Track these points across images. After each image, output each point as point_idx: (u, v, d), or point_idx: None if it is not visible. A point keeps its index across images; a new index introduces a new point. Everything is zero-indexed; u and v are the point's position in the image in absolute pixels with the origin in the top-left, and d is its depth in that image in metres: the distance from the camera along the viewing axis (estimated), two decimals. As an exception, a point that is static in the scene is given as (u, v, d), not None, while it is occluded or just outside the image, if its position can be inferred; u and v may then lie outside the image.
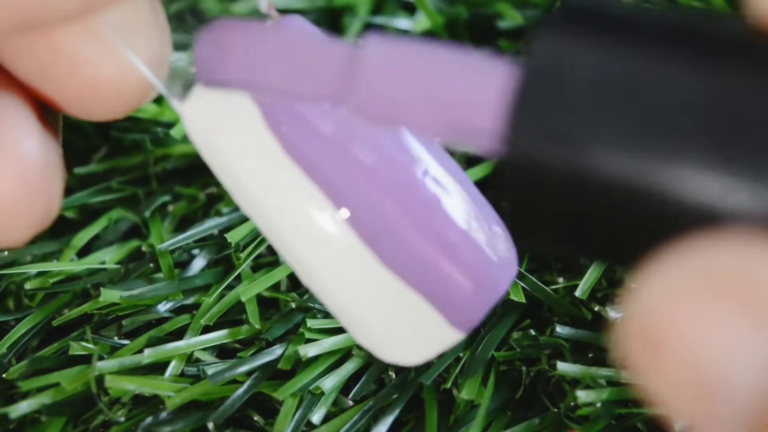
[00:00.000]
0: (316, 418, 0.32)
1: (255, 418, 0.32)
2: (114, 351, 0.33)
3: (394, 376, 0.32)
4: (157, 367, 0.32)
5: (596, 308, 0.33)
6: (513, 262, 0.23)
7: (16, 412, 0.31)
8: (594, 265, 0.33)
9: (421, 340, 0.23)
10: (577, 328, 0.33)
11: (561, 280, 0.34)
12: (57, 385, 0.32)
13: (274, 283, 0.34)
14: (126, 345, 0.33)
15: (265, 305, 0.34)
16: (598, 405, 0.31)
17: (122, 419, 0.32)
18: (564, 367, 0.31)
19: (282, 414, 0.31)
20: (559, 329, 0.32)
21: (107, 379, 0.31)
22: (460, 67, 0.18)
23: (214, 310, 0.33)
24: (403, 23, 0.41)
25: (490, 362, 0.32)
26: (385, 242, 0.22)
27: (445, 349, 0.24)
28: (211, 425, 0.31)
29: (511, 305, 0.33)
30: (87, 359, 0.32)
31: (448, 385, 0.32)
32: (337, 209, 0.22)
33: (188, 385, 0.32)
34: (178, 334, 0.33)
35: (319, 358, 0.32)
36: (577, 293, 0.33)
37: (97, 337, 0.33)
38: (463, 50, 0.18)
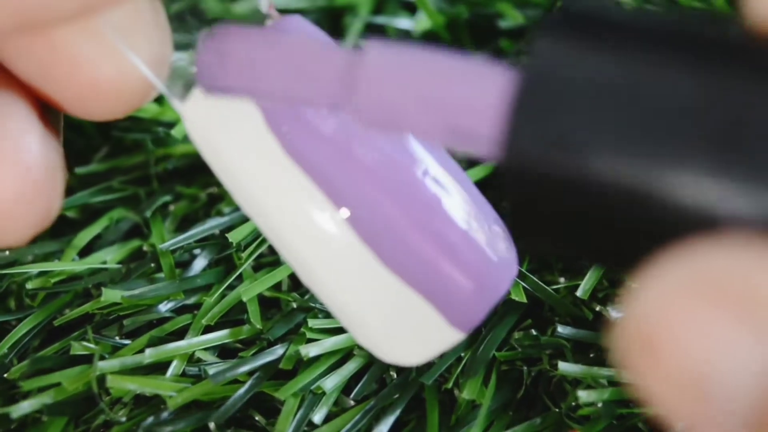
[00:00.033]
0: (318, 417, 0.32)
1: (256, 418, 0.32)
2: (115, 351, 0.33)
3: (395, 376, 0.32)
4: (159, 367, 0.32)
5: (597, 308, 0.33)
6: (513, 262, 0.23)
7: (18, 412, 0.31)
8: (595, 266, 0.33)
9: (422, 341, 0.23)
10: (579, 328, 0.32)
11: (562, 279, 0.34)
12: (58, 385, 0.32)
13: (276, 282, 0.34)
14: (127, 345, 0.33)
15: (267, 305, 0.34)
16: (600, 405, 0.31)
17: (123, 419, 0.32)
18: (565, 367, 0.31)
19: (283, 414, 0.31)
20: (561, 329, 0.32)
21: (108, 378, 0.31)
22: (459, 73, 0.18)
23: (216, 310, 0.33)
24: (403, 23, 0.41)
25: (492, 362, 0.32)
26: (386, 242, 0.22)
27: (446, 350, 0.24)
28: (212, 425, 0.31)
29: (512, 305, 0.33)
30: (88, 359, 0.32)
31: (450, 385, 0.32)
32: (337, 209, 0.22)
33: (189, 385, 0.32)
34: (180, 334, 0.33)
35: (321, 358, 0.32)
36: (579, 293, 0.33)
37: (98, 336, 0.33)
38: (462, 56, 0.18)
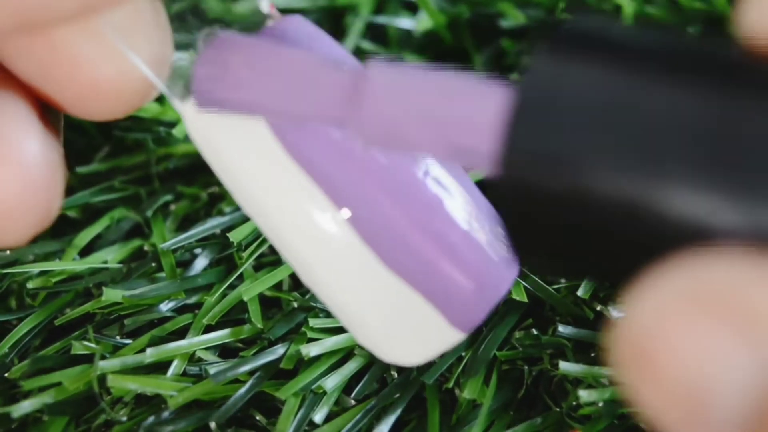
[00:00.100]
0: (318, 417, 0.32)
1: (257, 417, 0.32)
2: (116, 350, 0.33)
3: (396, 375, 0.32)
4: (160, 367, 0.32)
5: (598, 308, 0.33)
6: (514, 262, 0.23)
7: (18, 411, 0.31)
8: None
9: (422, 341, 0.23)
10: (579, 328, 0.32)
11: (563, 279, 0.34)
12: (59, 385, 0.32)
13: (277, 282, 0.34)
14: (128, 344, 0.33)
15: (267, 305, 0.34)
16: (600, 404, 0.31)
17: (124, 419, 0.32)
18: (566, 366, 0.31)
19: (284, 413, 0.31)
20: (561, 329, 0.32)
21: (109, 378, 0.31)
22: (459, 91, 0.18)
23: (216, 309, 0.33)
24: (405, 22, 0.41)
25: (492, 362, 0.32)
26: (386, 242, 0.22)
27: (446, 350, 0.24)
28: (213, 425, 0.31)
29: (513, 305, 0.33)
30: (89, 358, 0.32)
31: (451, 385, 0.32)
32: (338, 209, 0.22)
33: (190, 384, 0.32)
34: (180, 334, 0.33)
35: (321, 358, 0.32)
36: (579, 293, 0.33)
37: (99, 336, 0.33)
38: (463, 73, 0.18)
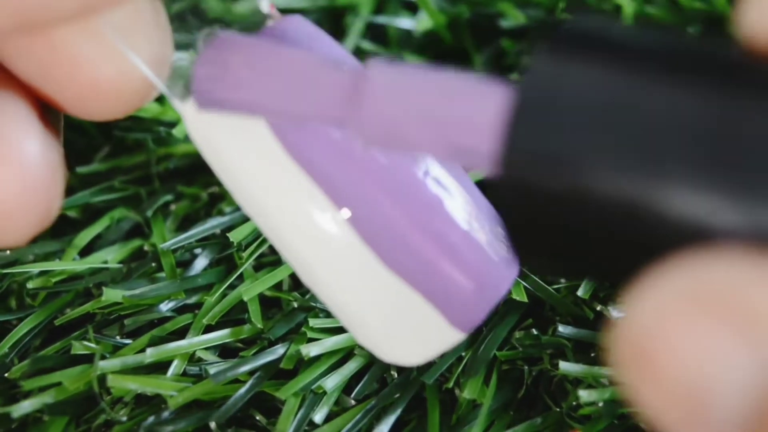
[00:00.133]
0: (319, 417, 0.32)
1: (257, 417, 0.32)
2: (116, 350, 0.33)
3: (396, 375, 0.32)
4: (160, 367, 0.32)
5: (598, 308, 0.33)
6: (514, 262, 0.23)
7: (19, 411, 0.31)
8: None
9: (422, 341, 0.23)
10: (579, 328, 0.32)
11: (563, 279, 0.34)
12: (59, 385, 0.32)
13: (277, 282, 0.34)
14: (128, 344, 0.33)
15: (267, 305, 0.34)
16: (600, 404, 0.31)
17: (124, 419, 0.32)
18: (566, 366, 0.31)
19: (284, 413, 0.31)
20: (561, 329, 0.32)
21: (109, 378, 0.31)
22: (459, 91, 0.18)
23: (216, 309, 0.33)
24: (405, 22, 0.41)
25: (493, 362, 0.32)
26: (386, 242, 0.22)
27: (446, 350, 0.24)
28: (213, 425, 0.31)
29: (513, 304, 0.33)
30: (89, 358, 0.32)
31: (451, 385, 0.32)
32: (338, 209, 0.22)
33: (190, 384, 0.32)
34: (181, 334, 0.33)
35: (321, 358, 0.32)
36: (579, 293, 0.33)
37: (99, 336, 0.33)
38: (463, 74, 0.18)
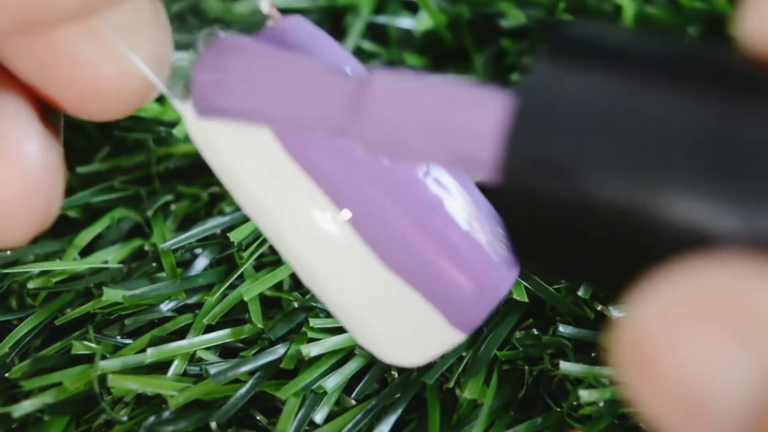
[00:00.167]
0: (319, 417, 0.32)
1: (258, 417, 0.32)
2: (117, 350, 0.33)
3: (396, 375, 0.32)
4: (160, 367, 0.32)
5: (599, 307, 0.33)
6: (514, 262, 0.23)
7: (19, 411, 0.31)
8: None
9: (422, 341, 0.23)
10: (580, 328, 0.32)
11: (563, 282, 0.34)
12: (59, 385, 0.32)
13: (277, 282, 0.34)
14: (129, 344, 0.33)
15: (268, 304, 0.34)
16: (601, 404, 0.31)
17: (125, 419, 0.32)
18: (567, 366, 0.31)
19: (285, 413, 0.31)
20: (562, 329, 0.32)
21: (110, 378, 0.31)
22: (459, 99, 0.18)
23: (217, 309, 0.33)
24: (405, 22, 0.41)
25: (493, 361, 0.32)
26: (386, 243, 0.22)
27: (447, 350, 0.24)
28: (213, 425, 0.31)
29: (513, 304, 0.33)
30: (90, 358, 0.32)
31: (451, 385, 0.32)
32: (339, 209, 0.22)
33: (191, 384, 0.32)
34: (181, 334, 0.33)
35: (322, 358, 0.32)
36: (580, 292, 0.33)
37: (99, 336, 0.33)
38: (463, 82, 0.18)
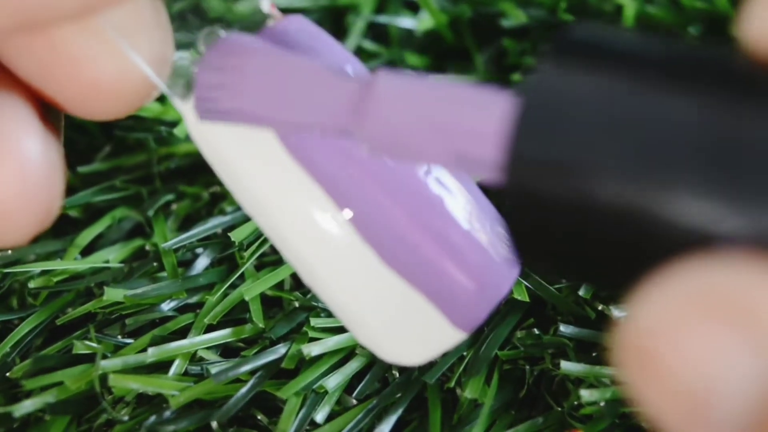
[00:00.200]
0: (320, 417, 0.32)
1: (258, 417, 0.32)
2: (117, 350, 0.33)
3: (397, 375, 0.32)
4: (161, 366, 0.32)
5: (600, 307, 0.33)
6: (516, 262, 0.23)
7: (20, 410, 0.31)
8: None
9: (423, 340, 0.23)
10: (581, 327, 0.32)
11: (565, 281, 0.34)
12: (60, 384, 0.32)
13: (278, 281, 0.34)
14: (130, 344, 0.33)
15: (269, 304, 0.34)
16: (602, 404, 0.31)
17: (126, 418, 0.32)
18: (568, 366, 0.31)
19: (285, 413, 0.31)
20: (563, 328, 0.32)
21: (111, 377, 0.31)
22: (464, 100, 0.18)
23: (218, 309, 0.33)
24: (406, 22, 0.41)
25: (494, 361, 0.32)
26: (387, 242, 0.22)
27: (447, 350, 0.23)
28: (214, 424, 0.31)
29: (514, 304, 0.33)
30: (90, 358, 0.32)
31: (452, 384, 0.32)
32: (340, 209, 0.22)
33: (192, 383, 0.32)
34: (182, 333, 0.33)
35: (323, 357, 0.32)
36: (581, 292, 0.33)
37: (100, 335, 0.33)
38: (468, 83, 0.18)
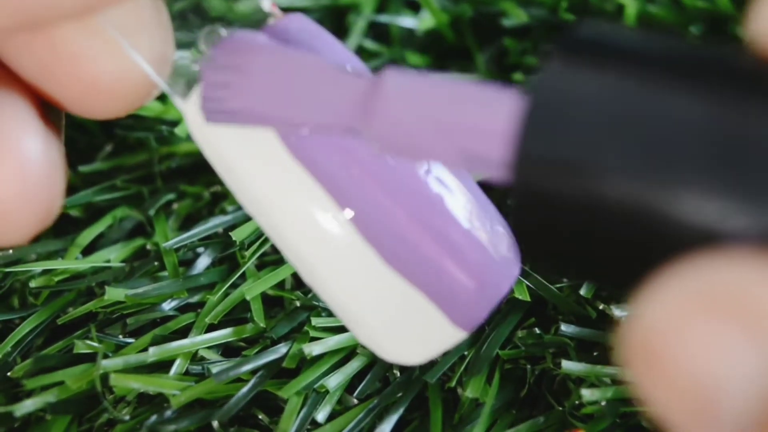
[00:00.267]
0: (321, 416, 0.32)
1: (259, 416, 0.32)
2: (119, 349, 0.33)
3: (398, 374, 0.32)
4: (162, 366, 0.32)
5: (601, 306, 0.33)
6: (516, 261, 0.23)
7: (21, 410, 0.31)
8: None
9: (424, 340, 0.23)
10: (582, 327, 0.32)
11: (569, 280, 0.34)
12: (62, 384, 0.32)
13: (279, 281, 0.34)
14: (131, 343, 0.33)
15: (270, 303, 0.34)
16: (603, 403, 0.31)
17: (127, 417, 0.32)
18: (569, 365, 0.31)
19: (287, 412, 0.31)
20: (564, 328, 0.32)
21: (112, 377, 0.31)
22: (471, 99, 0.18)
23: (219, 308, 0.33)
24: (407, 21, 0.41)
25: (495, 360, 0.32)
26: (388, 241, 0.22)
27: (448, 349, 0.23)
28: (215, 424, 0.31)
29: (515, 304, 0.33)
30: (92, 357, 0.32)
31: (453, 384, 0.32)
32: (341, 209, 0.22)
33: (193, 383, 0.32)
34: (183, 333, 0.33)
35: (324, 357, 0.32)
36: (582, 291, 0.33)
37: (101, 335, 0.33)
38: (475, 82, 0.18)
